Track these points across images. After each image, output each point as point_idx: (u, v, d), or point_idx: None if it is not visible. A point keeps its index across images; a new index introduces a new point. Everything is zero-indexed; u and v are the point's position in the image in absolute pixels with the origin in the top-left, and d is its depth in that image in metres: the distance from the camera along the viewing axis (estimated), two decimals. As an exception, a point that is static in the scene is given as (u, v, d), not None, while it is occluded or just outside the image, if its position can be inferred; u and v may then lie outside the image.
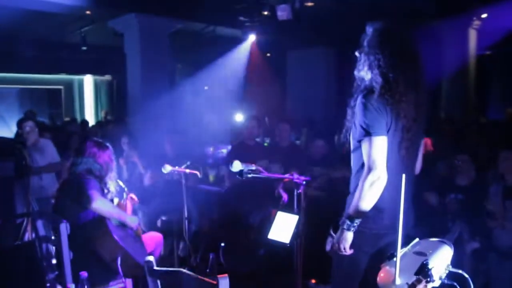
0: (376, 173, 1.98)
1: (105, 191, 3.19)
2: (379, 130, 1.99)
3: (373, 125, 1.98)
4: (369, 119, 1.99)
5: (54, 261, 3.01)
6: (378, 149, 1.99)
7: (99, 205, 2.92)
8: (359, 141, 2.06)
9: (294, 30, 8.07)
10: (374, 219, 2.10)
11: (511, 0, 7.18)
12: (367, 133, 2.00)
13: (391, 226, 2.09)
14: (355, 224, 2.05)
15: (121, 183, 3.52)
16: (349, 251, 2.11)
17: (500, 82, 11.13)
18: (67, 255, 2.69)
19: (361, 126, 2.02)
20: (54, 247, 3.00)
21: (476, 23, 8.34)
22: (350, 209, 2.06)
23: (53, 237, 2.89)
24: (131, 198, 3.58)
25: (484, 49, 9.79)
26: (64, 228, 2.67)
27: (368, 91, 2.05)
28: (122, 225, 3.10)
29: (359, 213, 2.04)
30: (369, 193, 1.99)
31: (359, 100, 2.05)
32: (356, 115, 2.08)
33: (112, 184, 3.27)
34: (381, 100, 1.99)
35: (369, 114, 1.99)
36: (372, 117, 1.98)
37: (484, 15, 8.11)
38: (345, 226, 2.06)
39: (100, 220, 2.96)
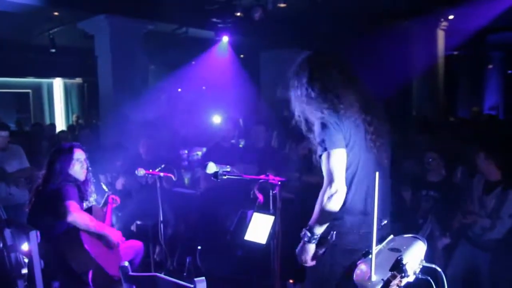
0: (334, 186, 2.01)
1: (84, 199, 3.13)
2: (336, 143, 2.03)
3: (330, 139, 2.03)
4: (326, 135, 2.04)
5: (24, 271, 2.92)
6: (335, 162, 2.02)
7: (75, 218, 2.82)
8: (320, 157, 2.09)
9: (267, 31, 8.10)
10: (348, 234, 2.12)
11: (476, 3, 7.44)
12: (325, 148, 2.04)
13: (367, 240, 2.11)
14: (316, 237, 2.07)
15: (104, 186, 3.45)
16: (310, 263, 2.13)
17: (466, 82, 11.49)
18: (38, 264, 2.60)
19: (319, 143, 2.07)
20: (22, 257, 2.91)
21: (444, 24, 8.57)
22: (311, 221, 2.07)
23: (22, 247, 2.80)
24: (113, 199, 3.50)
25: (451, 49, 10.08)
26: (34, 237, 2.59)
27: (323, 110, 2.09)
28: (98, 236, 3.01)
29: (319, 226, 2.06)
30: (327, 206, 2.01)
31: (317, 118, 2.10)
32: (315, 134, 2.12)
33: (92, 194, 3.22)
34: (337, 114, 2.06)
35: (326, 129, 2.04)
36: (329, 132, 2.03)
37: (451, 17, 8.35)
38: (306, 238, 2.08)
39: (74, 231, 2.87)
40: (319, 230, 2.06)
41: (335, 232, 2.07)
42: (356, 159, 2.09)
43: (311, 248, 2.09)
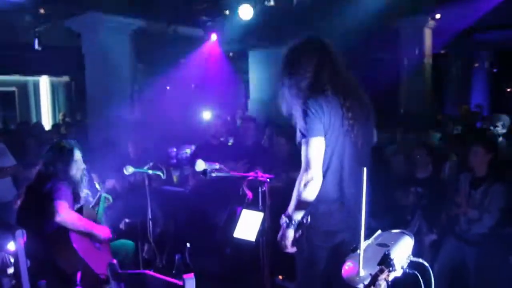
0: (310, 173, 2.06)
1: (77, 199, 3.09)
2: (315, 132, 2.07)
3: (309, 127, 2.07)
4: (306, 122, 2.08)
5: (10, 271, 2.89)
6: (313, 150, 2.07)
7: (64, 218, 2.78)
8: (299, 144, 2.14)
9: (256, 29, 8.09)
10: (322, 216, 2.15)
11: (463, 2, 7.53)
12: (304, 135, 2.09)
13: (343, 223, 2.16)
14: (293, 222, 2.12)
15: (97, 185, 3.41)
16: (290, 249, 2.18)
17: (453, 80, 11.62)
18: (24, 263, 2.58)
19: (300, 130, 2.12)
20: (8, 256, 2.88)
21: (431, 23, 8.65)
22: (289, 208, 2.14)
23: (8, 246, 2.77)
24: (105, 198, 3.47)
25: (439, 48, 10.18)
26: (20, 235, 2.57)
27: (306, 98, 2.14)
28: (88, 234, 2.98)
29: (296, 212, 2.12)
30: (304, 192, 2.07)
31: (299, 105, 2.14)
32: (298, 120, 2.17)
33: (84, 190, 3.19)
34: (318, 101, 2.08)
35: (307, 117, 2.08)
36: (309, 120, 2.07)
37: (438, 16, 8.43)
38: (284, 224, 2.15)
39: (63, 231, 2.83)
40: (297, 216, 2.13)
41: (309, 216, 2.13)
42: (332, 146, 2.12)
43: (290, 233, 2.15)
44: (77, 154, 3.16)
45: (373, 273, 1.56)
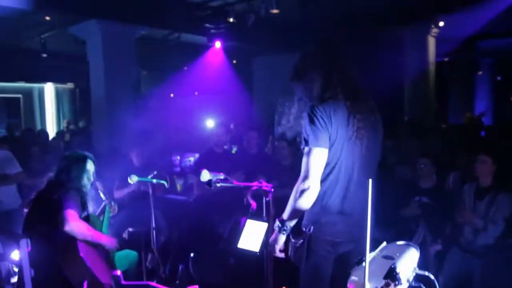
0: (307, 183, 2.04)
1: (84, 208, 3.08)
2: (319, 142, 2.05)
3: (314, 137, 2.05)
4: (311, 131, 2.06)
5: (13, 280, 2.88)
6: (314, 160, 2.05)
7: (73, 227, 2.77)
8: (302, 149, 2.13)
9: (260, 37, 8.13)
10: (326, 226, 2.14)
11: (466, 10, 7.55)
12: (307, 143, 2.07)
13: (348, 234, 2.15)
14: (286, 228, 2.15)
15: (102, 194, 3.41)
16: (278, 254, 2.21)
17: (457, 88, 11.60)
18: (27, 272, 2.58)
19: (304, 137, 2.11)
20: (12, 265, 2.88)
21: (434, 30, 8.67)
22: (284, 213, 2.15)
23: (12, 255, 2.76)
24: (111, 208, 3.47)
25: (442, 55, 10.18)
26: (25, 244, 2.57)
27: (314, 105, 2.12)
28: (94, 244, 2.98)
29: (289, 218, 2.14)
30: (299, 200, 2.07)
31: (306, 112, 2.14)
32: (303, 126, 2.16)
33: (91, 203, 3.19)
34: (326, 111, 2.07)
35: (312, 126, 2.06)
36: (315, 129, 2.06)
37: (441, 23, 8.45)
38: (276, 229, 2.17)
39: (71, 240, 2.82)
40: (290, 222, 2.15)
41: (312, 226, 2.13)
42: (338, 156, 2.10)
43: (281, 238, 2.18)
44: (90, 164, 3.18)
45: (378, 287, 1.55)
